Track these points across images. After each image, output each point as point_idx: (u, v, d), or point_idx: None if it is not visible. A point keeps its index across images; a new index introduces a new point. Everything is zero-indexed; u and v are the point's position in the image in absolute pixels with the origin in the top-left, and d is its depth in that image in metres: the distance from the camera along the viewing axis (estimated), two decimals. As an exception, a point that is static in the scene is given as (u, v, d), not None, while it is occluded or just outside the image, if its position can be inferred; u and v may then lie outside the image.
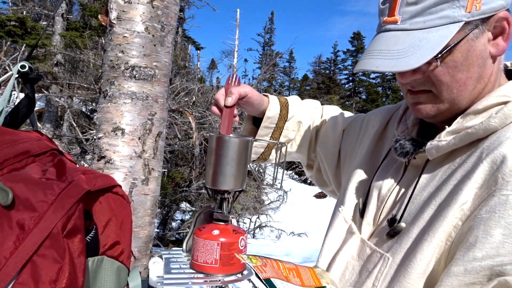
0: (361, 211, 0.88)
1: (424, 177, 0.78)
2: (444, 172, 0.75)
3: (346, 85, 34.08)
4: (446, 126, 0.76)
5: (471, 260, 0.64)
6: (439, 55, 0.70)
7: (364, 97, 31.61)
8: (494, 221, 0.63)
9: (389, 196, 0.83)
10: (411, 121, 0.89)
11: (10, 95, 0.77)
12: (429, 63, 0.71)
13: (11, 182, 0.59)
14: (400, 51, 0.71)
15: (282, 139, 1.15)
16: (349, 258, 0.84)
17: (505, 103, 0.72)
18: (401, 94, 0.84)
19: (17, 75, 0.77)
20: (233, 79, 0.97)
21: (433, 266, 0.69)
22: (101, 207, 0.67)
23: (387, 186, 0.85)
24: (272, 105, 1.11)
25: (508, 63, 0.84)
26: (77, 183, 0.63)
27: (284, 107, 1.13)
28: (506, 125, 0.70)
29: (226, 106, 0.92)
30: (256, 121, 1.15)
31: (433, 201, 0.73)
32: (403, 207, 0.77)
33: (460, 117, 0.75)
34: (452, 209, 0.68)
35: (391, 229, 0.77)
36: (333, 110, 1.23)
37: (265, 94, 1.13)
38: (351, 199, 0.93)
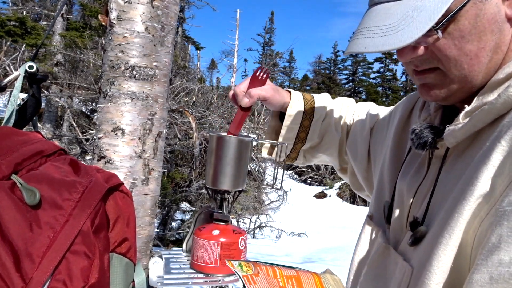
0: (386, 216, 0.76)
1: (444, 170, 0.65)
2: (463, 160, 0.63)
3: (346, 85, 34.10)
4: (466, 106, 0.63)
5: (497, 265, 0.49)
6: (439, 25, 0.58)
7: (364, 97, 31.61)
8: None
9: (413, 196, 0.71)
10: (433, 106, 0.76)
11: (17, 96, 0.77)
12: (428, 35, 0.59)
13: (34, 182, 0.59)
14: (390, 26, 0.58)
15: (309, 140, 1.05)
16: (379, 271, 0.72)
17: None
18: (402, 94, 0.79)
19: (24, 75, 0.77)
20: (261, 73, 0.91)
21: (457, 271, 0.57)
22: (110, 204, 0.67)
23: (411, 185, 0.72)
24: (294, 103, 1.00)
25: None
26: (97, 181, 0.64)
27: (309, 105, 1.03)
28: None
29: (241, 107, 0.88)
30: (283, 116, 1.04)
31: (449, 196, 0.61)
32: (424, 207, 0.66)
33: (480, 93, 0.63)
34: (468, 203, 0.55)
35: (413, 234, 0.65)
36: (366, 107, 1.09)
37: (289, 90, 1.04)
38: (378, 203, 0.83)
